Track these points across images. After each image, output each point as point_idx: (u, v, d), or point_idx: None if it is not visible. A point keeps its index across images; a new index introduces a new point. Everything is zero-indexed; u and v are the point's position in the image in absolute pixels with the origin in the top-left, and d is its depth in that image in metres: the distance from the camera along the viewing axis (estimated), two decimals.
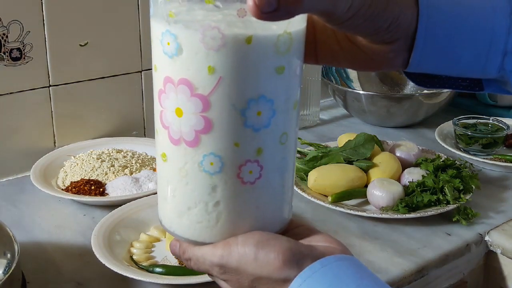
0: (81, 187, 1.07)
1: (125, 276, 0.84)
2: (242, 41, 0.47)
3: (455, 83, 0.60)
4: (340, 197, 1.05)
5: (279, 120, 0.51)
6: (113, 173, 1.12)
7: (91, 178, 1.10)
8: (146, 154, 1.21)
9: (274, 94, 0.50)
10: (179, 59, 0.49)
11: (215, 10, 0.48)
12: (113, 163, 1.14)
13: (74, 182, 1.09)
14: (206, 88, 0.48)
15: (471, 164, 1.17)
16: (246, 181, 0.51)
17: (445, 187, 1.03)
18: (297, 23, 0.50)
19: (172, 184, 0.53)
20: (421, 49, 0.53)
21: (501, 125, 1.28)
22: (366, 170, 1.11)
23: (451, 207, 1.02)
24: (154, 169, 1.14)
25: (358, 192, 1.07)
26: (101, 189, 1.07)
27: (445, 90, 1.39)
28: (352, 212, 1.01)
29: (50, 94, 1.17)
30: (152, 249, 0.94)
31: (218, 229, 0.53)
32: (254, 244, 0.51)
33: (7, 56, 1.10)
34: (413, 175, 1.08)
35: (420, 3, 0.52)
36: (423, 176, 1.07)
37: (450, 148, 1.26)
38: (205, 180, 0.51)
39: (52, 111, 1.18)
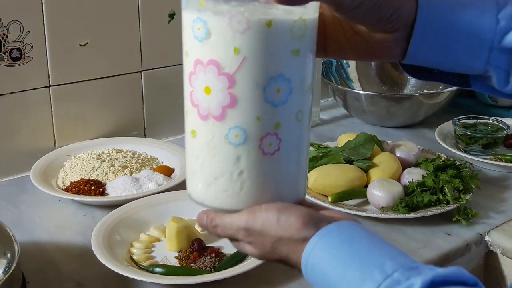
0: (81, 187, 1.07)
1: (125, 276, 0.84)
2: (263, 24, 0.55)
3: (446, 78, 0.67)
4: (340, 197, 1.05)
5: (295, 98, 0.59)
6: (113, 173, 1.12)
7: (91, 178, 1.10)
8: (146, 154, 1.21)
9: (291, 74, 0.57)
10: (208, 43, 0.56)
11: (239, 5, 0.55)
12: (113, 163, 1.14)
13: (74, 182, 1.09)
14: (232, 67, 0.56)
15: (471, 164, 1.17)
16: (266, 152, 0.58)
17: (445, 187, 1.03)
18: (311, 12, 0.58)
19: (201, 157, 0.60)
20: (418, 40, 0.61)
21: (501, 125, 1.28)
22: (366, 170, 1.11)
23: (451, 207, 1.02)
24: (154, 169, 1.14)
25: (358, 192, 1.07)
26: (101, 189, 1.07)
27: (445, 90, 1.39)
28: (352, 212, 1.01)
29: (50, 94, 1.17)
30: (152, 249, 0.94)
31: (242, 196, 0.59)
32: (276, 210, 0.58)
33: (7, 56, 1.10)
34: (413, 175, 1.08)
35: None
36: (423, 176, 1.07)
37: (450, 148, 1.26)
38: (230, 152, 0.58)
39: (52, 111, 1.18)
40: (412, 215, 1.00)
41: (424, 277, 0.49)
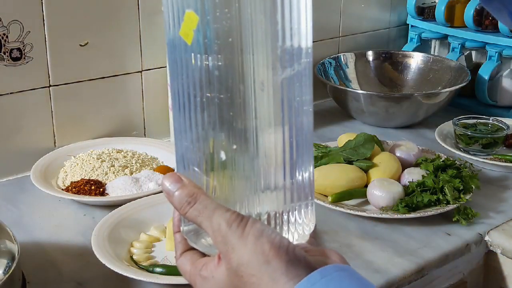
0: (81, 187, 1.07)
1: (125, 276, 0.84)
2: None
3: None
4: (340, 197, 1.05)
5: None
6: (113, 173, 1.12)
7: (91, 178, 1.10)
8: (146, 154, 1.21)
9: None
10: None
11: None
12: (113, 163, 1.14)
13: (74, 182, 1.09)
14: None
15: (471, 164, 1.17)
16: None
17: (445, 187, 1.04)
18: None
19: None
20: None
21: (501, 125, 1.28)
22: (366, 170, 1.11)
23: (451, 207, 1.02)
24: (154, 169, 1.14)
25: (358, 192, 1.07)
26: (101, 189, 1.07)
27: (444, 90, 1.39)
28: (352, 212, 1.01)
29: (50, 94, 1.17)
30: (152, 249, 0.94)
31: None
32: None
33: (7, 56, 1.10)
34: (413, 175, 1.08)
35: None
36: (423, 176, 1.07)
37: (450, 148, 1.26)
38: None
39: (52, 111, 1.18)
40: (412, 215, 1.00)
41: None
